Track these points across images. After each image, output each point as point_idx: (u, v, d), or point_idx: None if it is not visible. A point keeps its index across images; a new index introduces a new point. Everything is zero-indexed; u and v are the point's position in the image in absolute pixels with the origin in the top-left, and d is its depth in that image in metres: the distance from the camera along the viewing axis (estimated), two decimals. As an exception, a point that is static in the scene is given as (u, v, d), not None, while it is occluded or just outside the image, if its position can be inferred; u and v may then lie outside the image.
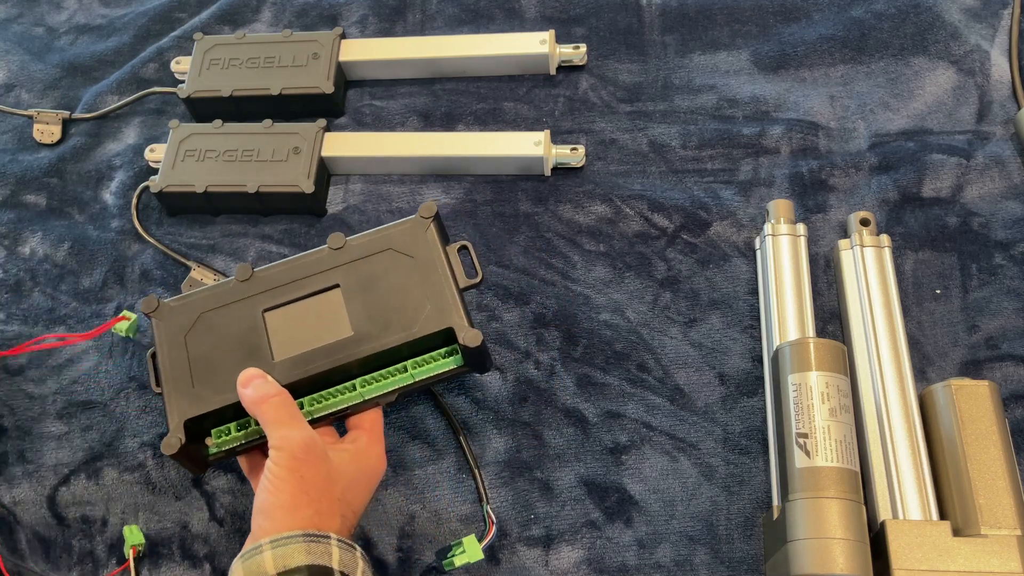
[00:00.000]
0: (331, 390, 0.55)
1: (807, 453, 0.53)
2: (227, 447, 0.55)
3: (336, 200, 0.73)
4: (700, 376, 0.63)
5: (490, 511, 0.59)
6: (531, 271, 0.68)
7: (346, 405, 0.55)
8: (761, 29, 0.77)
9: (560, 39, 0.78)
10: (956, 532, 0.51)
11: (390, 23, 0.82)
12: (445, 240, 0.58)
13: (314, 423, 0.54)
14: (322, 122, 0.73)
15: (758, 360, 0.63)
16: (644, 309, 0.66)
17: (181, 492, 0.62)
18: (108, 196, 0.76)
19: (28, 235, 0.74)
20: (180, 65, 0.79)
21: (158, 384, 0.56)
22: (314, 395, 0.55)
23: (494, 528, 0.58)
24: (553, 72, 0.77)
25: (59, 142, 0.80)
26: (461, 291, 0.55)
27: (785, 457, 0.54)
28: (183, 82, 0.77)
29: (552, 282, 0.67)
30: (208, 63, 0.77)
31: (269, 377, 0.52)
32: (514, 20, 0.81)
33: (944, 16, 0.75)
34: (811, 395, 0.54)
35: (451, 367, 0.55)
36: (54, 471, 0.64)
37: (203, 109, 0.77)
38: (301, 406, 0.54)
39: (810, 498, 0.51)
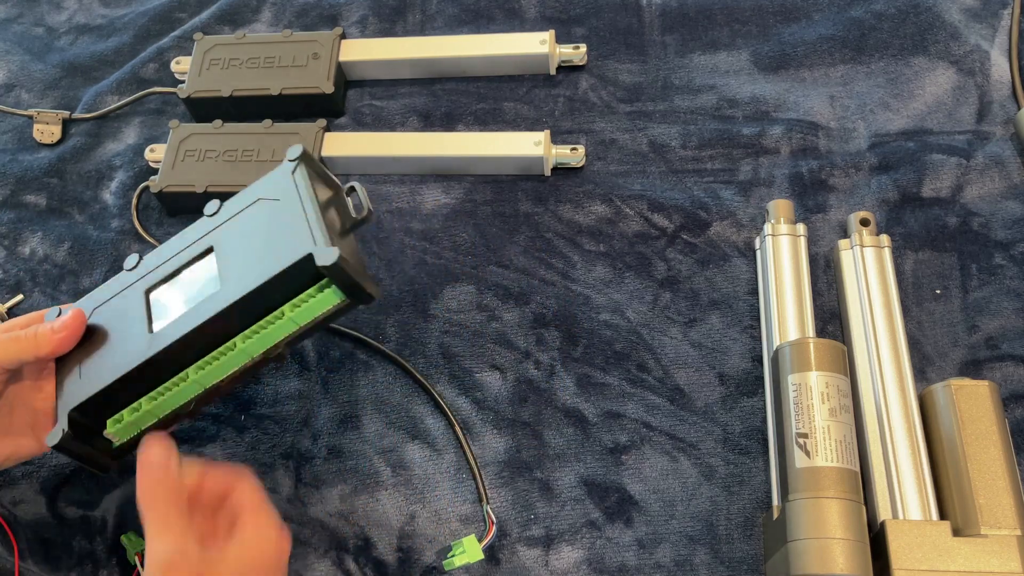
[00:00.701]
0: (214, 354, 0.52)
1: (807, 453, 0.53)
2: (127, 436, 0.53)
3: (336, 200, 0.73)
4: (700, 376, 0.63)
5: (490, 511, 0.59)
6: (531, 271, 0.68)
7: (235, 368, 0.52)
8: (761, 29, 0.77)
9: (560, 39, 0.78)
10: (956, 532, 0.51)
11: (390, 23, 0.82)
12: (327, 182, 0.56)
13: (208, 394, 0.52)
14: (322, 122, 0.73)
15: (758, 360, 0.63)
16: (644, 309, 0.66)
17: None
18: (108, 196, 0.76)
19: (28, 235, 0.74)
20: (180, 65, 0.79)
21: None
22: (198, 363, 0.52)
23: (494, 528, 0.58)
24: (553, 72, 0.77)
25: (59, 142, 0.80)
26: (338, 225, 0.53)
27: (785, 457, 0.54)
28: (183, 82, 0.77)
29: (552, 282, 0.67)
30: (208, 63, 0.77)
31: (173, 454, 0.49)
32: (514, 20, 0.81)
33: (944, 16, 0.75)
34: (811, 395, 0.54)
35: (333, 302, 0.51)
36: (54, 472, 0.64)
37: (203, 109, 0.77)
38: (186, 377, 0.52)
39: (810, 498, 0.51)
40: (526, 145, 0.70)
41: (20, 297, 0.72)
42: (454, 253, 0.69)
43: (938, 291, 0.64)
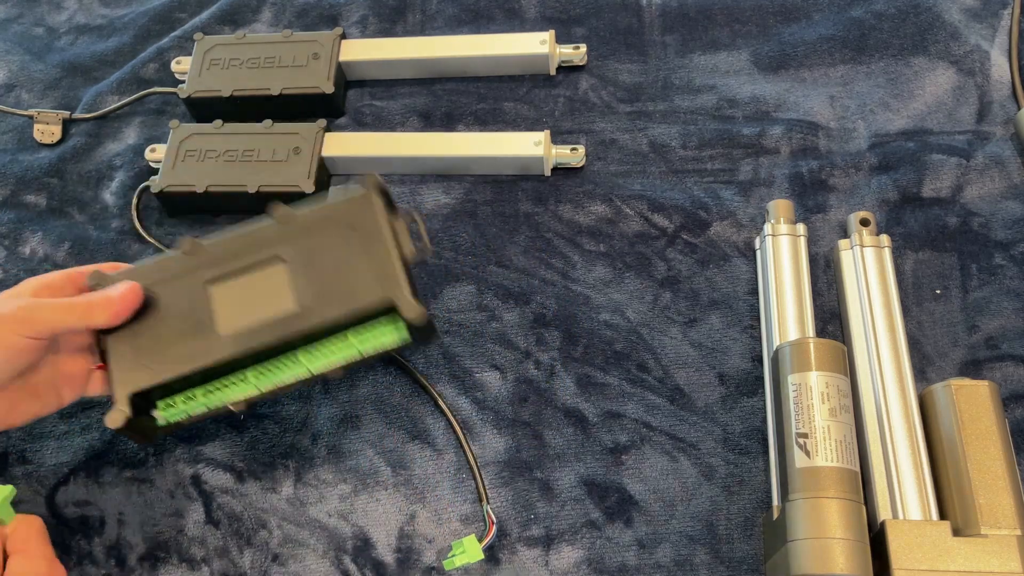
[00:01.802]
0: (275, 362, 0.54)
1: (807, 453, 0.53)
2: (174, 419, 0.55)
3: (336, 200, 0.73)
4: (700, 376, 0.63)
5: (490, 511, 0.59)
6: (531, 271, 0.68)
7: (293, 380, 0.55)
8: (761, 29, 0.77)
9: (560, 39, 0.78)
10: (956, 532, 0.51)
11: (390, 23, 0.82)
12: (393, 212, 0.57)
13: (260, 395, 0.55)
14: (322, 122, 0.73)
15: (758, 360, 0.63)
16: (644, 309, 0.66)
17: (178, 492, 0.62)
18: (108, 196, 0.76)
19: (28, 235, 0.74)
20: (180, 65, 0.79)
21: (104, 360, 0.55)
22: (259, 367, 0.55)
23: (494, 528, 0.58)
24: (553, 72, 0.77)
25: (59, 142, 0.80)
26: (407, 263, 0.55)
27: (785, 457, 0.54)
28: (183, 82, 0.77)
29: (552, 282, 0.67)
30: (208, 63, 0.77)
31: None
32: (514, 20, 0.81)
33: (944, 16, 0.75)
34: (811, 395, 0.54)
35: (398, 340, 0.55)
36: (54, 471, 0.64)
37: (203, 109, 0.77)
38: (245, 377, 0.54)
39: (810, 498, 0.51)
40: (526, 145, 0.70)
41: (20, 297, 0.72)
42: (454, 253, 0.69)
43: (938, 291, 0.64)
